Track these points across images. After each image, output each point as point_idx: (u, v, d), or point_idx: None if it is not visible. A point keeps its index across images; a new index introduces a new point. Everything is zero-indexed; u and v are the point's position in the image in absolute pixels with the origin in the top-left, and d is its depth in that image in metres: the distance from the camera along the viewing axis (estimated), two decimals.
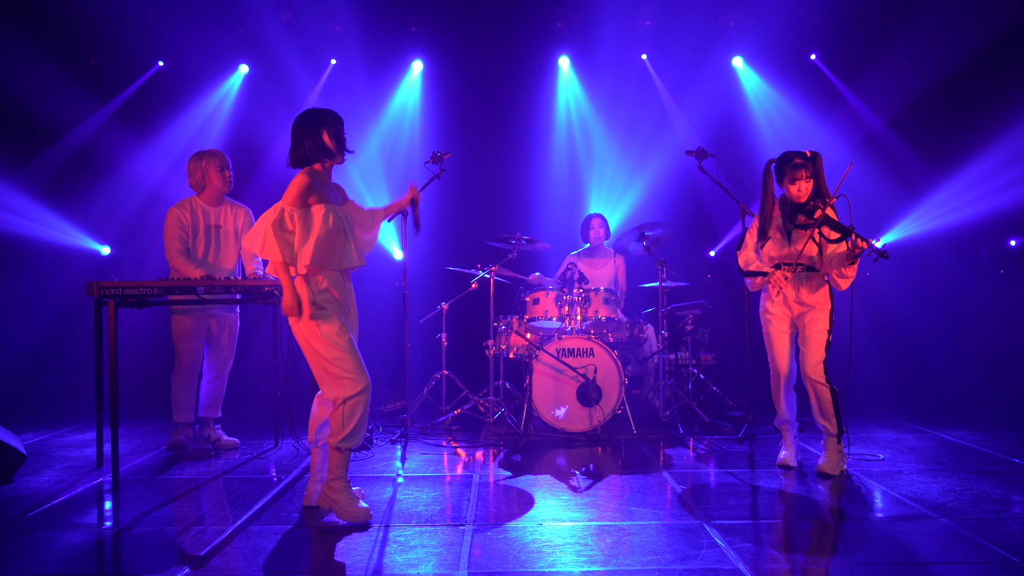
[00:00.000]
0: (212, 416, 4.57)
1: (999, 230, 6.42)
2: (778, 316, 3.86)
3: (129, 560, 2.81)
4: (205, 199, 4.48)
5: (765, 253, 3.85)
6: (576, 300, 4.96)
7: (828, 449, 3.83)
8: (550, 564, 2.66)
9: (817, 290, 3.77)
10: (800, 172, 3.68)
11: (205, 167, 4.42)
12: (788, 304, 3.82)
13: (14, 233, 5.99)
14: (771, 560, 2.67)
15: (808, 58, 6.69)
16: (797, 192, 3.71)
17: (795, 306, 3.81)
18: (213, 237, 4.46)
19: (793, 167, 3.69)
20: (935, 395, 5.93)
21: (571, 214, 6.62)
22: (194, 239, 4.41)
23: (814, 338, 3.75)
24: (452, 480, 3.82)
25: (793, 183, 3.70)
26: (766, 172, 3.82)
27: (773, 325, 3.88)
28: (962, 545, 2.80)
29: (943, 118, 6.43)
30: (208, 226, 4.45)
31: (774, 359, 3.92)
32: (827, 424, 3.79)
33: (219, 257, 4.47)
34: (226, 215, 4.52)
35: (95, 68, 6.39)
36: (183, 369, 4.42)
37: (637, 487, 3.64)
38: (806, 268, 3.77)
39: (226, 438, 4.60)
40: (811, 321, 3.76)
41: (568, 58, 6.82)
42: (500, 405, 5.15)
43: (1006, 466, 3.98)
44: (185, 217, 4.40)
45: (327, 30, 6.43)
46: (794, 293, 3.80)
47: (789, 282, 3.79)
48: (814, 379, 3.75)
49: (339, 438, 3.10)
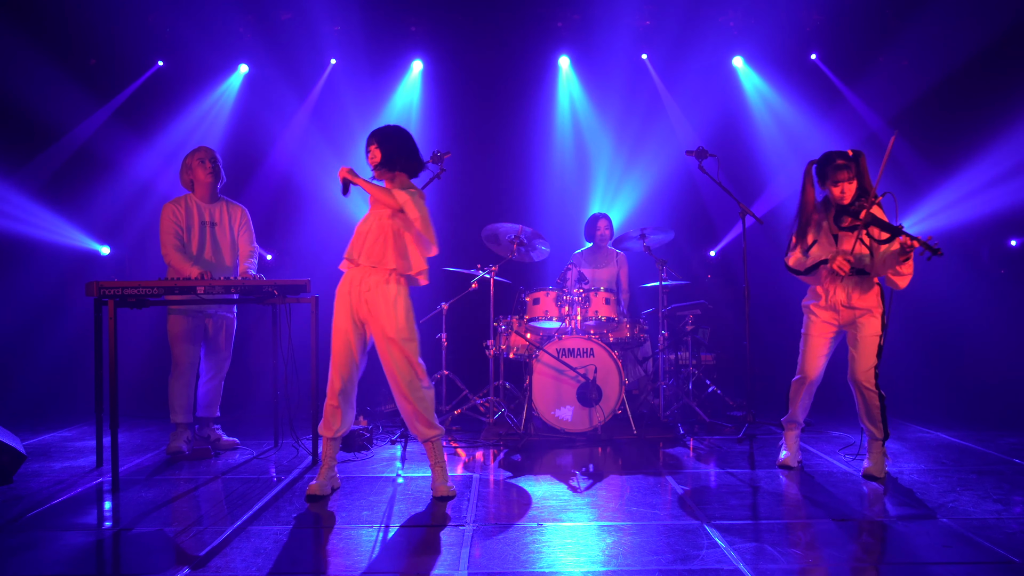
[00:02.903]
0: (211, 416, 4.57)
1: (1000, 230, 6.41)
2: (823, 319, 3.74)
3: (129, 560, 2.80)
4: (199, 196, 4.49)
5: (813, 257, 3.71)
6: (576, 300, 4.95)
7: (873, 452, 3.76)
8: (550, 564, 2.66)
9: (868, 292, 3.66)
10: (842, 173, 3.57)
11: (188, 162, 4.47)
12: (837, 308, 3.71)
13: (13, 233, 5.98)
14: (771, 560, 2.67)
15: (808, 58, 6.69)
16: (840, 194, 3.59)
17: (844, 311, 3.69)
18: (208, 234, 4.46)
19: (835, 168, 3.58)
20: (936, 395, 5.92)
21: (572, 214, 6.61)
22: (188, 235, 4.41)
23: (865, 343, 3.64)
24: (452, 480, 3.81)
25: (836, 185, 3.59)
26: (806, 173, 3.68)
27: (815, 326, 3.75)
28: (963, 545, 2.80)
29: (943, 118, 6.42)
30: (203, 223, 4.45)
31: (804, 362, 3.80)
32: (873, 428, 3.71)
33: (215, 254, 4.47)
34: (221, 212, 4.53)
35: (94, 68, 6.39)
36: (180, 370, 4.40)
37: (637, 487, 3.64)
38: (856, 271, 3.64)
39: (226, 438, 4.60)
40: (863, 325, 3.65)
41: (568, 58, 6.81)
42: (500, 405, 5.14)
43: (1006, 466, 3.97)
44: (180, 212, 4.40)
45: (327, 30, 6.43)
46: (844, 297, 3.68)
47: (841, 281, 3.65)
48: (864, 385, 3.65)
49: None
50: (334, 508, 3.32)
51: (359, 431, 4.46)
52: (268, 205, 6.63)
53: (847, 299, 3.68)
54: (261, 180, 6.61)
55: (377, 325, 3.37)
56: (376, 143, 3.43)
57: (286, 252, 6.76)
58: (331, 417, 3.44)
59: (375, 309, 3.36)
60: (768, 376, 5.94)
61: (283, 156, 6.65)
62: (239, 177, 6.59)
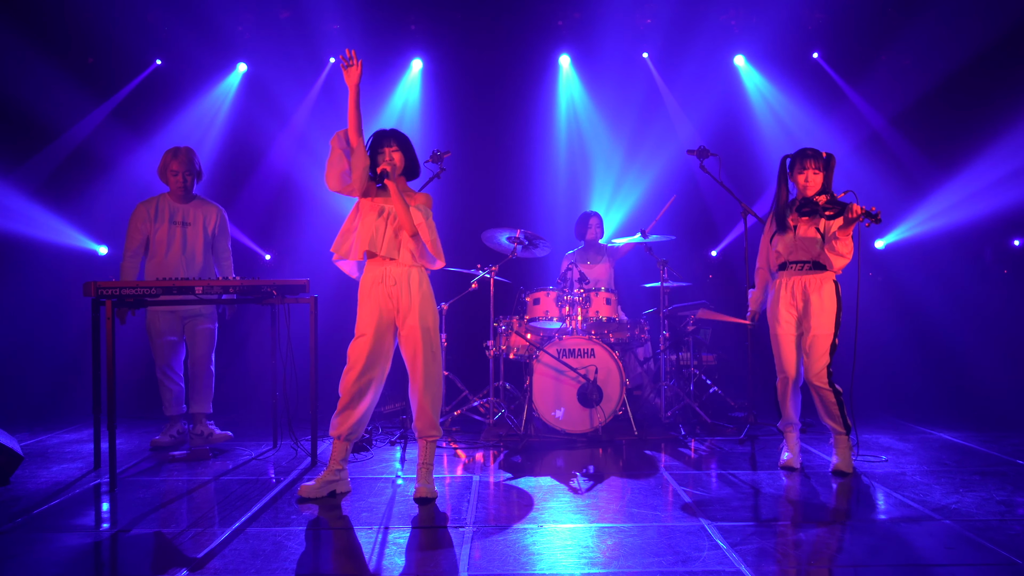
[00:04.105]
0: (203, 411, 4.59)
1: (1003, 230, 6.39)
2: (785, 318, 3.85)
3: (126, 562, 2.78)
4: (173, 195, 4.51)
5: (775, 247, 3.88)
6: (577, 300, 4.93)
7: (839, 447, 3.84)
8: (551, 566, 2.64)
9: (823, 287, 3.77)
10: (809, 162, 3.76)
11: (165, 165, 4.49)
12: (795, 299, 3.82)
13: (11, 233, 5.96)
14: (773, 562, 2.65)
15: (811, 56, 6.66)
16: (804, 182, 3.77)
17: (800, 302, 3.81)
18: (179, 234, 4.46)
19: (803, 156, 3.79)
20: (938, 396, 5.90)
21: (572, 214, 6.58)
22: (156, 231, 4.45)
23: (818, 343, 3.75)
24: (452, 481, 3.80)
25: (802, 172, 3.77)
26: (781, 167, 3.88)
27: (781, 327, 3.87)
28: (965, 547, 2.78)
29: (947, 117, 6.40)
30: (174, 223, 4.46)
31: (781, 363, 3.90)
32: (835, 425, 3.82)
33: (186, 254, 4.47)
34: (195, 213, 4.53)
35: (92, 66, 6.37)
36: (163, 362, 4.50)
37: (638, 489, 3.62)
38: (813, 265, 3.78)
39: (218, 432, 4.63)
40: (815, 323, 3.75)
41: (569, 56, 6.79)
42: (500, 406, 5.12)
43: (1010, 467, 3.95)
44: (149, 211, 4.45)
45: (326, 28, 6.40)
46: (801, 289, 3.80)
47: (797, 269, 3.81)
48: (818, 385, 3.77)
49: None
50: (333, 510, 3.30)
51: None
52: (267, 205, 6.61)
53: (803, 291, 3.80)
54: (260, 180, 6.59)
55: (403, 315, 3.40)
56: (398, 147, 3.50)
57: (285, 252, 6.74)
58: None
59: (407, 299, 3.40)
60: (770, 377, 5.86)
61: (282, 156, 6.63)
62: (237, 176, 6.58)
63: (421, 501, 3.38)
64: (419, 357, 3.39)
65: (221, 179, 6.38)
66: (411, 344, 3.40)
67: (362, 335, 3.38)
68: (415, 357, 3.40)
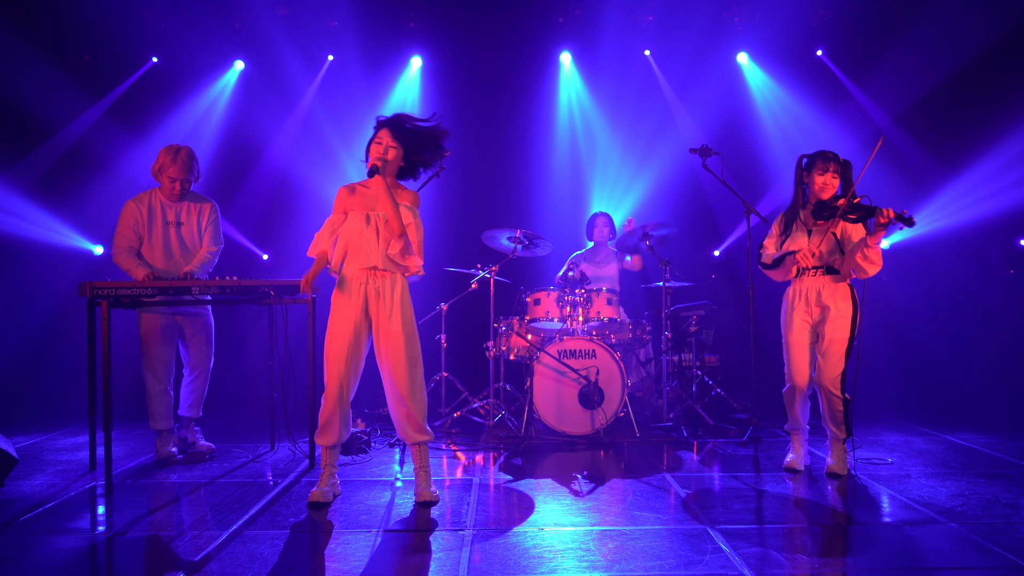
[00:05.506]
0: (193, 416, 4.42)
1: (1008, 229, 6.34)
2: (799, 326, 3.75)
3: (122, 566, 2.75)
4: (164, 193, 4.31)
5: (786, 248, 3.78)
6: (578, 301, 4.89)
7: (835, 450, 3.81)
8: (551, 570, 2.60)
9: (839, 292, 3.69)
10: (829, 164, 3.67)
11: (161, 165, 4.25)
12: (810, 306, 3.72)
13: (5, 232, 5.92)
14: (776, 565, 2.61)
15: (814, 54, 6.62)
16: (822, 184, 3.68)
17: (816, 308, 3.71)
18: (173, 234, 4.30)
19: (823, 158, 3.70)
20: (943, 397, 5.86)
21: (573, 213, 6.55)
22: (150, 235, 4.26)
23: (833, 347, 3.66)
24: (451, 484, 3.76)
25: (823, 174, 3.68)
26: (797, 166, 3.79)
27: (794, 335, 3.76)
28: (971, 550, 2.75)
29: (951, 115, 6.35)
30: (167, 222, 4.29)
31: (792, 371, 3.79)
32: (836, 430, 3.76)
33: (180, 254, 4.30)
34: (188, 211, 4.35)
35: (88, 64, 6.32)
36: (156, 373, 4.24)
37: (640, 491, 3.58)
38: (827, 270, 3.70)
39: (202, 442, 4.42)
40: (832, 329, 3.66)
41: (570, 54, 6.75)
42: (500, 408, 5.08)
43: (1016, 470, 3.91)
44: (141, 212, 4.26)
45: (324, 25, 6.36)
46: (815, 295, 3.71)
47: (812, 276, 3.71)
48: (830, 390, 3.69)
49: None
50: (332, 512, 3.26)
51: (357, 434, 4.40)
52: (264, 204, 6.57)
53: (817, 297, 3.71)
54: (257, 178, 6.55)
55: (384, 321, 3.31)
56: (398, 144, 3.35)
57: (283, 252, 6.69)
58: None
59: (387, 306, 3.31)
60: (773, 378, 5.84)
61: (279, 154, 6.58)
62: (234, 175, 6.54)
63: (422, 505, 3.34)
64: (402, 363, 3.28)
65: (218, 178, 6.33)
66: (393, 351, 3.28)
67: (337, 345, 3.28)
68: (397, 364, 3.28)
